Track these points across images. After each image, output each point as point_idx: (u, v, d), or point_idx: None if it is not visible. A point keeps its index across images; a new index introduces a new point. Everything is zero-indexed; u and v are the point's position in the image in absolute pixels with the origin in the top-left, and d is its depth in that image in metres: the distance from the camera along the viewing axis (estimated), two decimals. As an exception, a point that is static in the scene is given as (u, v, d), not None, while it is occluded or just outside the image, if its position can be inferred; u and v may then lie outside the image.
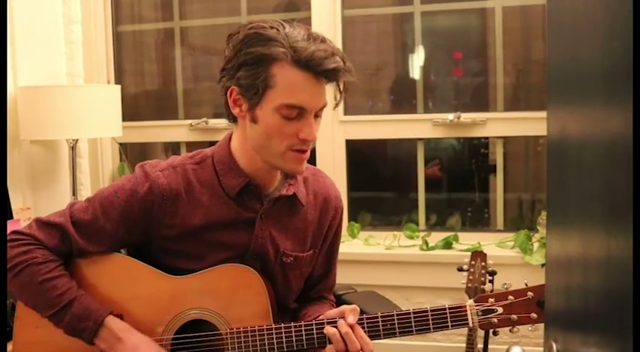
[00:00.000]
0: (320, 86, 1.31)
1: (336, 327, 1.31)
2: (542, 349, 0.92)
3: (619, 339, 0.64)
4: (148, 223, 1.38)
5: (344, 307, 1.36)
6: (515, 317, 1.34)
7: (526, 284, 1.37)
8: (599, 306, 0.71)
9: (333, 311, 1.36)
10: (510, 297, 1.35)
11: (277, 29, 1.29)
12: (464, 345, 1.92)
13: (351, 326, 1.31)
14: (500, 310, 1.35)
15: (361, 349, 1.30)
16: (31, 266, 1.34)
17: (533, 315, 1.34)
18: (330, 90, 1.35)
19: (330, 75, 1.29)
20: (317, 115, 1.34)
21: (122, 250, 1.49)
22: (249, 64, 1.28)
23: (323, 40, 1.30)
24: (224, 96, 1.36)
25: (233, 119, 1.40)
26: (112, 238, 1.40)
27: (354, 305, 1.36)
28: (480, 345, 1.97)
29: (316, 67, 1.27)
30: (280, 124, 1.30)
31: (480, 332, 1.94)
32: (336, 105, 1.38)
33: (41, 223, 1.40)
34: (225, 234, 1.40)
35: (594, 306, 0.73)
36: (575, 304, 0.82)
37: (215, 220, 1.39)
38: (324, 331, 1.32)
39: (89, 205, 1.40)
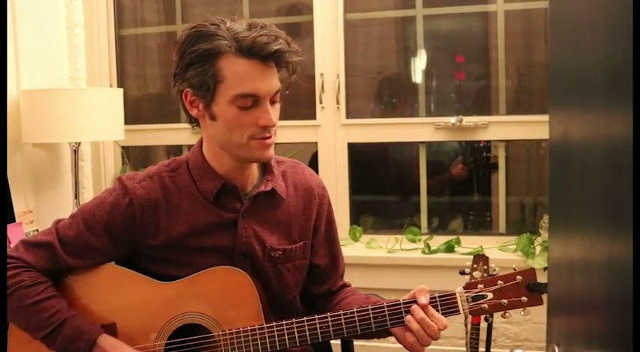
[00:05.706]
0: (268, 71, 1.31)
1: (409, 313, 1.32)
2: (544, 353, 0.92)
3: (622, 342, 0.64)
4: (133, 234, 1.40)
5: (413, 291, 1.36)
6: (505, 301, 1.33)
7: (514, 269, 1.36)
8: (601, 309, 0.71)
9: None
10: (500, 282, 1.34)
11: (218, 25, 1.31)
12: (464, 349, 1.92)
13: (424, 308, 1.32)
14: (490, 295, 1.34)
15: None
16: (19, 289, 1.34)
17: (524, 299, 1.33)
18: (331, 94, 1.34)
19: (275, 57, 1.30)
20: (274, 101, 1.34)
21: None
22: (196, 63, 1.30)
23: (263, 27, 1.31)
24: (180, 100, 1.37)
25: (195, 121, 1.41)
26: (99, 252, 1.40)
27: (422, 286, 1.36)
28: (482, 349, 1.97)
29: (260, 52, 1.28)
30: (238, 116, 1.31)
31: (482, 336, 1.93)
32: (287, 87, 1.38)
33: (28, 244, 1.41)
34: (209, 239, 1.40)
35: (596, 309, 0.73)
36: (578, 307, 0.82)
37: (197, 226, 1.40)
38: (406, 320, 1.32)
39: (73, 221, 1.42)
